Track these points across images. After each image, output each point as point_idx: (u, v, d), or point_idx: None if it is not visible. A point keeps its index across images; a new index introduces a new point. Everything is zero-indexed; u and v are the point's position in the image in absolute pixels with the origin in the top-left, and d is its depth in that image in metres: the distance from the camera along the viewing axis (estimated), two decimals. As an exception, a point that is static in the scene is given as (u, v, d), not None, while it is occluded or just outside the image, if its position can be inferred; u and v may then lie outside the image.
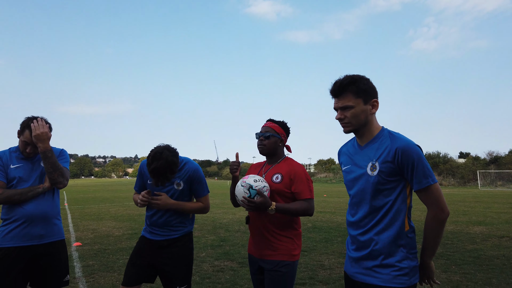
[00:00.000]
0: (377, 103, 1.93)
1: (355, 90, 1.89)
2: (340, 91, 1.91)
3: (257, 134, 2.68)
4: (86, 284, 4.86)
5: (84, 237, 8.45)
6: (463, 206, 16.50)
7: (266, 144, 2.62)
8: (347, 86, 1.89)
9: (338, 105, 1.93)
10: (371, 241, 1.86)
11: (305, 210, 2.45)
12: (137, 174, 2.92)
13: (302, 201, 2.47)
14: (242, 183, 2.43)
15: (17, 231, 2.61)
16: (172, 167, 2.51)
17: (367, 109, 1.91)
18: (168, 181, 2.59)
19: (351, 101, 1.89)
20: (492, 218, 11.87)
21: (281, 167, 2.59)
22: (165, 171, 2.49)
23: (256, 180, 2.42)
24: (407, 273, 1.80)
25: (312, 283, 4.85)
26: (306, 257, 6.36)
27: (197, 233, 8.92)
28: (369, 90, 1.91)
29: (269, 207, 2.35)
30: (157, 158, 2.47)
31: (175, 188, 2.74)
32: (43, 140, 2.64)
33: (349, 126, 1.93)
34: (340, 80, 1.92)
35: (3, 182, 2.63)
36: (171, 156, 2.51)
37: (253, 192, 2.37)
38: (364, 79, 1.92)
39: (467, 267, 5.68)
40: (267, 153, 2.65)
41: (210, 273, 5.37)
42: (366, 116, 1.91)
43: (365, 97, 1.90)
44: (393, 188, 1.84)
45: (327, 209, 14.97)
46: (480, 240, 8.00)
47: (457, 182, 46.36)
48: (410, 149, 1.79)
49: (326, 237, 8.37)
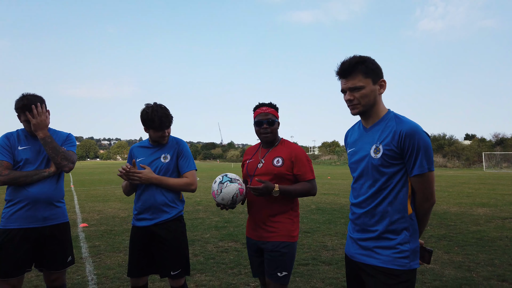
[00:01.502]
0: (385, 83, 1.90)
1: (364, 70, 1.84)
2: (349, 71, 1.86)
3: (258, 122, 2.58)
4: (93, 264, 4.95)
5: (90, 219, 8.57)
6: (467, 188, 16.48)
7: (271, 131, 2.56)
8: (356, 65, 1.84)
9: (348, 85, 1.87)
10: (373, 223, 1.86)
11: (308, 190, 2.48)
12: (127, 159, 2.92)
13: (305, 182, 2.49)
14: (216, 198, 2.48)
15: (21, 212, 2.63)
16: (167, 112, 2.73)
17: (376, 90, 1.87)
18: (168, 127, 2.73)
19: (361, 81, 1.84)
20: (496, 199, 11.87)
21: (280, 150, 2.56)
22: (166, 115, 2.69)
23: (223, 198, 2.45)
24: (408, 256, 1.80)
25: (315, 264, 4.91)
26: (309, 238, 6.42)
27: (201, 215, 9.02)
28: (377, 70, 1.88)
29: (272, 190, 2.35)
30: (154, 109, 2.67)
31: (161, 161, 2.75)
32: (42, 128, 2.62)
33: (358, 107, 1.89)
34: (348, 60, 1.87)
35: (10, 163, 2.64)
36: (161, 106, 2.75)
37: (226, 179, 2.44)
38: (371, 59, 1.88)
39: (469, 248, 5.71)
40: (272, 140, 2.60)
41: (215, 254, 5.45)
42: (375, 97, 1.88)
43: (374, 77, 1.86)
44: (396, 171, 1.82)
45: (331, 191, 15.03)
46: (484, 221, 8.02)
47: (462, 164, 46.23)
48: (416, 133, 1.76)
49: (329, 218, 8.43)
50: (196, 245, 5.97)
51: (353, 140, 2.04)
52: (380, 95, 1.91)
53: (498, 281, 4.21)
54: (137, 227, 2.78)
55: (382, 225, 1.84)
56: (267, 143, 2.63)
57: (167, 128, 2.77)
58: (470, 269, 4.66)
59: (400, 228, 1.82)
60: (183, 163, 2.80)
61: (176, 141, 2.89)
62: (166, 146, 2.84)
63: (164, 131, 2.74)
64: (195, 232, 6.97)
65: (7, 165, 2.63)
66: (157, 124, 2.68)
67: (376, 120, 1.91)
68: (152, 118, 2.66)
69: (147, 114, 2.68)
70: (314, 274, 4.48)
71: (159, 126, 2.69)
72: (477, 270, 4.61)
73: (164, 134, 2.75)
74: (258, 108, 2.61)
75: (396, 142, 1.79)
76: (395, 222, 1.82)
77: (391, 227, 1.82)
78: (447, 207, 10.07)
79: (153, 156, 2.80)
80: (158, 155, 2.79)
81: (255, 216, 2.57)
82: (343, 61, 1.89)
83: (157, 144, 2.84)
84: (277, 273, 2.41)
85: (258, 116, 2.58)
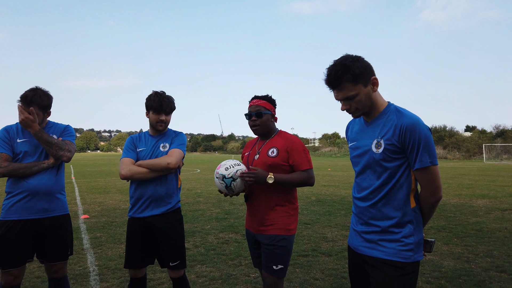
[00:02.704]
0: (376, 80, 1.85)
1: (351, 78, 1.78)
2: (336, 82, 1.81)
3: (247, 115, 2.60)
4: (94, 256, 4.99)
5: (91, 210, 8.61)
6: (467, 179, 16.51)
7: (260, 124, 2.55)
8: (342, 76, 1.78)
9: (339, 97, 1.85)
10: (377, 217, 1.87)
11: (304, 180, 2.47)
12: (128, 148, 2.85)
13: (301, 171, 2.48)
14: (216, 175, 2.48)
15: (21, 204, 2.64)
16: (171, 99, 2.85)
17: (369, 91, 1.84)
18: (167, 112, 2.80)
19: (352, 90, 1.80)
20: (496, 191, 11.90)
21: (276, 141, 2.57)
22: (169, 100, 2.79)
23: (227, 167, 2.45)
24: (412, 248, 1.80)
25: (315, 255, 4.94)
26: (309, 230, 6.45)
27: (202, 206, 9.06)
28: (365, 71, 1.81)
29: (266, 177, 2.36)
30: (159, 92, 2.81)
31: (161, 151, 2.79)
32: (28, 126, 2.63)
33: (357, 112, 1.88)
34: (333, 71, 1.79)
35: (9, 155, 2.65)
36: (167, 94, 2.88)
37: (228, 181, 2.42)
38: (356, 61, 1.80)
39: (469, 239, 5.74)
40: (262, 133, 2.60)
41: (215, 245, 5.48)
42: (371, 97, 1.85)
43: (364, 80, 1.81)
44: (399, 165, 1.82)
45: (331, 182, 15.06)
46: (483, 213, 8.05)
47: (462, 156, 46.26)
48: (416, 127, 1.75)
49: (330, 210, 8.46)
50: (196, 237, 6.00)
51: (354, 133, 2.03)
52: (376, 92, 1.88)
53: (497, 272, 4.23)
54: (134, 218, 2.79)
55: (386, 219, 1.84)
56: (261, 135, 2.64)
57: (166, 113, 2.79)
58: (469, 260, 4.68)
59: (404, 221, 1.82)
60: (172, 145, 2.81)
61: (175, 132, 2.93)
62: (165, 136, 2.87)
63: (162, 115, 2.76)
64: (196, 224, 7.00)
65: (6, 157, 2.64)
66: (157, 104, 2.74)
67: (376, 114, 1.90)
68: (154, 99, 2.76)
69: (151, 95, 2.82)
70: (314, 265, 4.51)
71: (159, 107, 2.74)
72: (476, 261, 4.64)
73: (162, 118, 2.77)
74: (251, 101, 2.63)
75: (397, 136, 1.78)
76: (399, 216, 1.82)
77: (395, 221, 1.82)
78: (447, 199, 10.10)
79: (153, 145, 2.82)
80: (158, 145, 2.82)
81: (253, 209, 2.58)
82: (328, 72, 1.82)
83: (157, 134, 2.86)
84: (273, 266, 2.41)
85: (249, 109, 2.60)
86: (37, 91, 2.69)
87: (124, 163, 2.74)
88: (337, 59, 1.83)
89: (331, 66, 1.82)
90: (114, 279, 4.09)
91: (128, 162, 2.74)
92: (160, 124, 2.79)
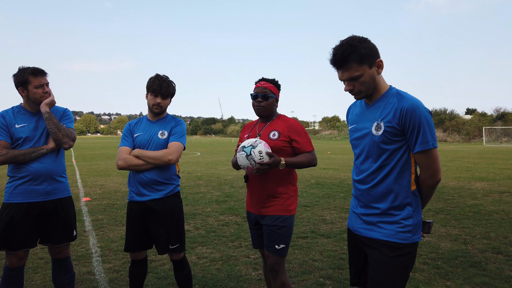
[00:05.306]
0: (381, 62, 1.85)
1: (357, 58, 1.77)
2: (342, 62, 1.80)
3: (253, 95, 2.62)
4: (96, 237, 5.06)
5: (92, 193, 8.68)
6: (466, 162, 16.57)
7: (264, 105, 2.58)
8: (348, 56, 1.77)
9: (344, 77, 1.84)
10: (376, 199, 1.88)
11: (310, 161, 2.55)
12: (124, 135, 2.86)
13: (306, 153, 2.55)
14: (237, 153, 2.45)
15: (23, 187, 2.66)
16: (172, 83, 2.84)
17: (374, 72, 1.83)
18: (165, 96, 2.78)
19: (357, 70, 1.80)
20: (495, 174, 11.96)
21: (277, 124, 2.60)
22: (168, 83, 2.78)
23: (247, 142, 2.42)
24: (411, 230, 1.83)
25: (314, 237, 5.01)
26: (308, 212, 6.52)
27: (202, 189, 9.12)
28: (371, 53, 1.81)
29: (279, 163, 2.39)
30: (160, 75, 2.81)
31: (159, 138, 2.77)
32: (52, 105, 2.76)
33: (360, 94, 1.87)
34: (339, 51, 1.79)
35: (7, 142, 2.64)
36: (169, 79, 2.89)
37: (248, 150, 2.37)
38: (363, 42, 1.80)
39: (466, 221, 5.81)
40: (265, 115, 2.62)
41: (216, 227, 5.55)
42: (374, 79, 1.85)
43: (369, 61, 1.80)
44: (398, 147, 1.82)
45: (331, 165, 15.13)
46: (481, 195, 8.11)
47: (462, 139, 46.27)
48: (417, 110, 1.75)
49: (329, 193, 8.53)
50: (197, 219, 6.07)
51: (354, 116, 2.03)
52: (380, 74, 1.88)
53: (493, 253, 4.30)
54: (133, 202, 2.80)
55: (385, 202, 1.86)
56: (262, 117, 2.66)
57: (164, 97, 2.77)
58: (466, 242, 4.75)
59: (404, 203, 1.84)
60: (172, 137, 2.79)
61: (175, 119, 2.89)
62: (165, 122, 2.84)
63: (158, 97, 2.75)
64: (196, 206, 7.07)
65: (4, 144, 2.63)
66: (156, 85, 2.73)
67: (377, 97, 1.89)
68: (154, 81, 2.76)
69: (152, 77, 2.82)
70: (313, 247, 4.58)
71: (157, 89, 2.73)
72: (472, 243, 4.71)
73: (158, 101, 2.75)
74: (258, 82, 2.65)
75: (398, 119, 1.78)
76: (398, 198, 1.84)
77: (394, 203, 1.84)
78: (446, 181, 10.16)
79: (151, 131, 2.80)
80: (156, 131, 2.79)
81: (254, 191, 2.61)
82: (334, 52, 1.81)
83: (155, 120, 2.84)
84: (275, 246, 2.48)
85: (256, 90, 2.62)
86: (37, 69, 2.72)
87: (120, 152, 2.77)
88: (343, 39, 1.82)
89: (337, 46, 1.81)
90: (116, 260, 4.16)
91: (124, 152, 2.75)
92: (156, 106, 2.77)
